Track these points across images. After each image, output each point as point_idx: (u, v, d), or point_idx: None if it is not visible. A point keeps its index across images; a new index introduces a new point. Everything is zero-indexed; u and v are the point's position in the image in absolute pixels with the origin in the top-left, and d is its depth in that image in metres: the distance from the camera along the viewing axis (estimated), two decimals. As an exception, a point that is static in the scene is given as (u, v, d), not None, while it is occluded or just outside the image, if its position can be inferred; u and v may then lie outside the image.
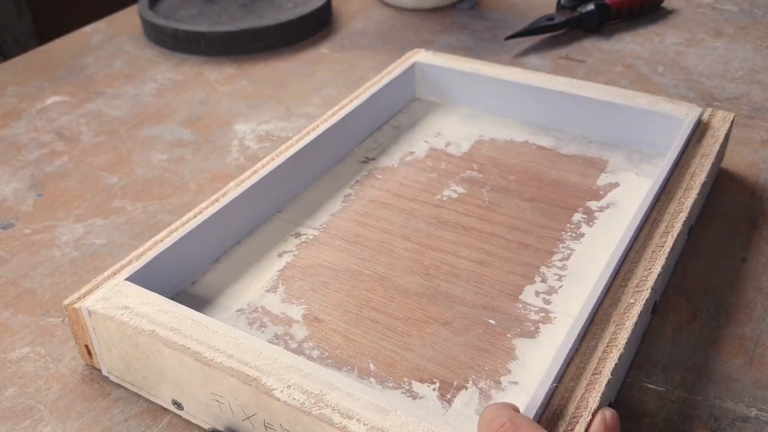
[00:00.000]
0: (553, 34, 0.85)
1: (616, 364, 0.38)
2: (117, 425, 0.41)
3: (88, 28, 0.90)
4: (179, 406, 0.41)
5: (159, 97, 0.75)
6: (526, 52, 0.81)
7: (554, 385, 0.37)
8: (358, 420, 0.35)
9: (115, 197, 0.60)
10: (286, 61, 0.81)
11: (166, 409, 0.42)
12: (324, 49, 0.83)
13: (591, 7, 0.84)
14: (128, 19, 0.93)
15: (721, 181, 0.59)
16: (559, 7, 0.86)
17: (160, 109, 0.72)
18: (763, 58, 0.78)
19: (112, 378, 0.44)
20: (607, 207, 0.54)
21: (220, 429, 0.40)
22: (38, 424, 0.42)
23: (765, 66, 0.76)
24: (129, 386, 0.43)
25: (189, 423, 0.41)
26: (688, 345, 0.45)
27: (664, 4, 0.91)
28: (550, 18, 0.84)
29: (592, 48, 0.82)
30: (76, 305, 0.42)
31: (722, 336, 0.45)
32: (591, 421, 0.36)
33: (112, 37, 0.88)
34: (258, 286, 0.48)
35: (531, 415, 0.35)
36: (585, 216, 0.53)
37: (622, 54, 0.80)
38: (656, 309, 0.47)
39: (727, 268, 0.50)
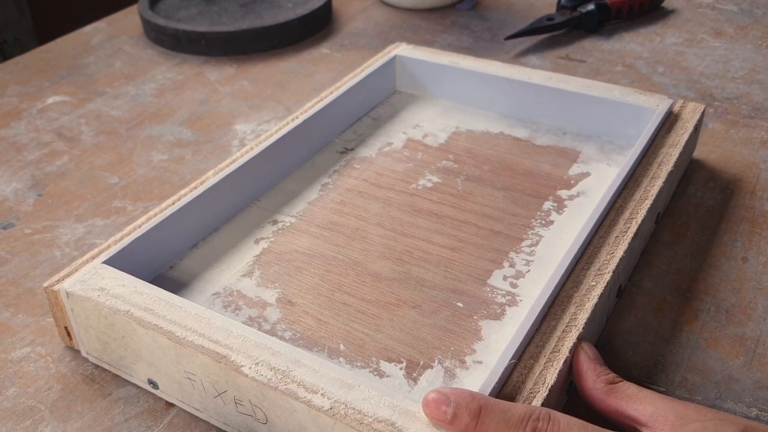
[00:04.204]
0: (553, 34, 0.86)
1: (574, 343, 0.40)
2: (117, 425, 0.42)
3: (88, 28, 0.91)
4: (154, 385, 0.43)
5: (159, 97, 0.75)
6: (526, 52, 0.82)
7: (512, 362, 0.38)
8: (322, 394, 0.36)
9: (115, 197, 0.61)
10: (286, 61, 0.82)
11: (166, 410, 0.43)
12: (324, 49, 0.84)
13: (591, 7, 0.85)
14: (128, 19, 0.94)
15: (721, 181, 0.60)
16: (559, 7, 0.87)
17: (161, 109, 0.73)
18: (763, 58, 0.79)
19: (90, 359, 0.45)
20: (577, 195, 0.55)
21: None
22: (39, 424, 0.42)
23: (765, 66, 0.77)
24: (107, 366, 0.45)
25: (189, 423, 0.42)
26: (688, 345, 0.45)
27: (664, 4, 0.92)
28: (550, 18, 0.84)
29: (592, 48, 0.83)
30: (55, 287, 0.44)
31: (722, 336, 0.46)
32: (575, 358, 0.39)
33: (112, 37, 0.89)
34: (234, 271, 0.50)
35: (489, 390, 0.36)
36: (555, 204, 0.54)
37: (622, 54, 0.81)
38: (621, 293, 0.49)
39: (727, 268, 0.51)
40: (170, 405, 0.43)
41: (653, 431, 0.35)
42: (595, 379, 0.39)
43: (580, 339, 0.40)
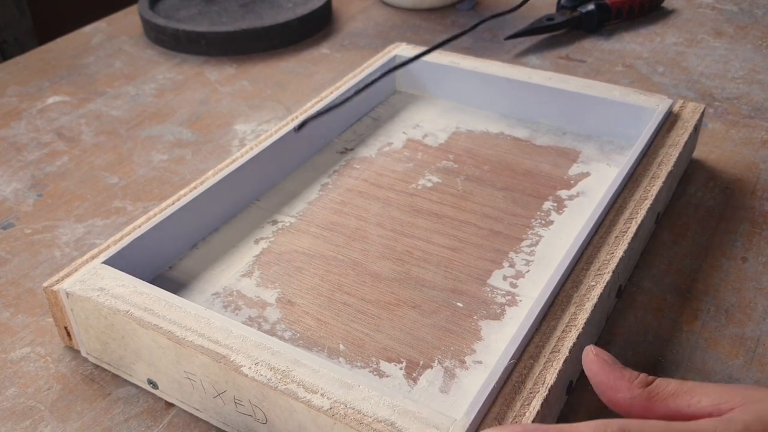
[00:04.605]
0: (553, 34, 0.85)
1: (574, 343, 0.40)
2: (117, 425, 0.42)
3: (88, 28, 0.91)
4: (154, 385, 0.43)
5: (159, 97, 0.75)
6: (526, 52, 0.82)
7: (512, 362, 0.38)
8: (322, 394, 0.36)
9: (115, 197, 0.60)
10: (286, 61, 0.82)
11: (165, 410, 0.43)
12: (324, 49, 0.84)
13: (591, 7, 0.85)
14: (128, 19, 0.93)
15: (721, 181, 0.60)
16: (559, 7, 0.87)
17: (161, 109, 0.73)
18: (763, 58, 0.79)
19: (90, 359, 0.45)
20: (577, 195, 0.55)
21: None
22: (38, 424, 0.42)
23: (765, 66, 0.77)
24: (107, 366, 0.45)
25: (189, 423, 0.42)
26: (688, 345, 0.45)
27: (664, 4, 0.92)
28: (550, 18, 0.84)
29: (592, 48, 0.82)
30: (55, 287, 0.44)
31: (722, 336, 0.46)
32: (592, 368, 0.35)
33: (112, 37, 0.89)
34: (234, 271, 0.50)
35: (488, 390, 0.36)
36: (555, 204, 0.54)
37: (622, 54, 0.81)
38: (621, 293, 0.49)
39: (727, 268, 0.51)
40: (170, 405, 0.43)
41: (720, 420, 0.31)
42: (629, 386, 0.34)
43: (585, 343, 0.39)
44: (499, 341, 0.44)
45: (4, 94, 0.77)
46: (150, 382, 0.43)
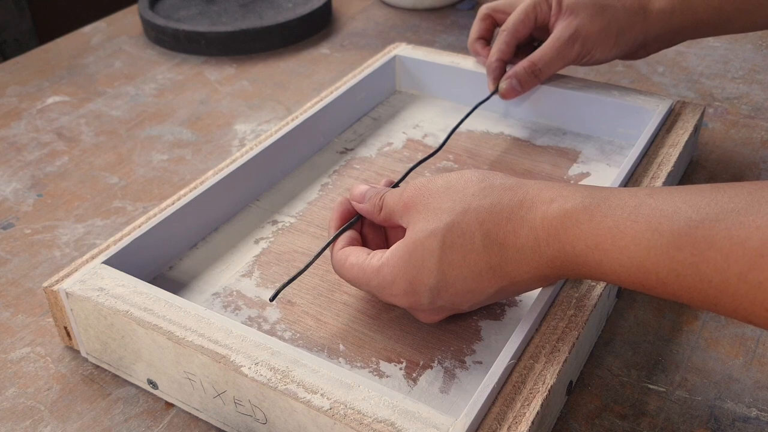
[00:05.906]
0: None
1: (574, 343, 0.40)
2: (117, 425, 0.42)
3: (88, 28, 0.91)
4: (154, 385, 0.43)
5: (159, 97, 0.75)
6: (527, 52, 0.82)
7: (512, 362, 0.38)
8: (321, 395, 0.36)
9: (115, 197, 0.60)
10: (286, 61, 0.82)
11: (165, 410, 0.43)
12: (324, 49, 0.84)
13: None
14: (128, 19, 0.93)
15: (721, 181, 0.59)
16: None
17: (161, 109, 0.73)
18: (763, 58, 0.79)
19: (90, 359, 0.45)
20: (577, 195, 0.55)
21: None
22: (38, 424, 0.42)
23: (765, 66, 0.77)
24: (106, 366, 0.45)
25: (189, 423, 0.42)
26: (688, 345, 0.45)
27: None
28: None
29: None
30: (54, 287, 0.44)
31: (722, 336, 0.46)
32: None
33: (112, 37, 0.89)
34: (234, 271, 0.50)
35: (488, 390, 0.36)
36: (555, 204, 0.54)
37: (622, 54, 0.81)
38: (621, 294, 0.49)
39: None
40: (170, 405, 0.43)
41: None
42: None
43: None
44: (498, 341, 0.44)
45: (4, 94, 0.77)
46: (150, 382, 0.43)
